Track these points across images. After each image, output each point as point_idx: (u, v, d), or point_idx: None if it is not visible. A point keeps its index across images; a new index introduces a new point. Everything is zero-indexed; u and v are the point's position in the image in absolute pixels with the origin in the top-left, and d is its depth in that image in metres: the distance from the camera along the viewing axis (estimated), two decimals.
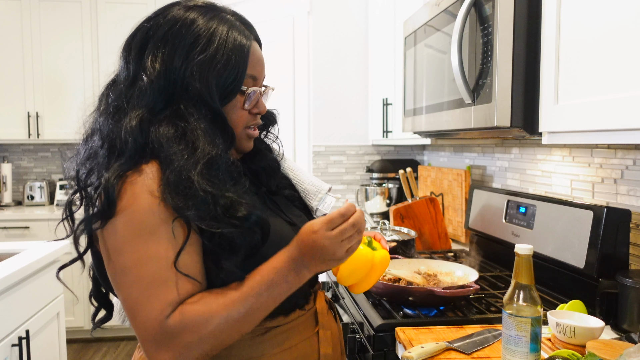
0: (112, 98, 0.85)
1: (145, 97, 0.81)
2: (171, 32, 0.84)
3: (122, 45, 0.88)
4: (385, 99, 2.74)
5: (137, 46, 0.85)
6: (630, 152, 1.34)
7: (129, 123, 0.79)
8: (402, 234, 1.88)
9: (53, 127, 3.48)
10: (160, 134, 0.79)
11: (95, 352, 3.27)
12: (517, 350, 0.91)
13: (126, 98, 0.82)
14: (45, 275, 1.94)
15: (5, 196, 3.59)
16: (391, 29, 2.66)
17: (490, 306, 1.37)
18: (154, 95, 0.81)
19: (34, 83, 3.44)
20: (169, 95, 0.83)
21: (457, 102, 1.41)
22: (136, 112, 0.80)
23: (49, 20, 3.43)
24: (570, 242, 1.38)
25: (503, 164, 2.06)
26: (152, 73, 0.82)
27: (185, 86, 0.83)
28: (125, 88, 0.84)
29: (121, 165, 0.78)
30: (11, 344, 1.67)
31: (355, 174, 3.60)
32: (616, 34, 0.89)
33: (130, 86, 0.83)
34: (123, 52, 0.87)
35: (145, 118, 0.80)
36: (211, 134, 0.82)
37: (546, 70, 1.10)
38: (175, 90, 0.83)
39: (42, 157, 3.81)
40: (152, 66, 0.82)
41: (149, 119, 0.80)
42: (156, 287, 0.76)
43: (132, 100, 0.82)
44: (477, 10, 1.27)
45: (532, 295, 0.91)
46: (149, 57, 0.83)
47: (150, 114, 0.81)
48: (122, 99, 0.83)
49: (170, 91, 0.82)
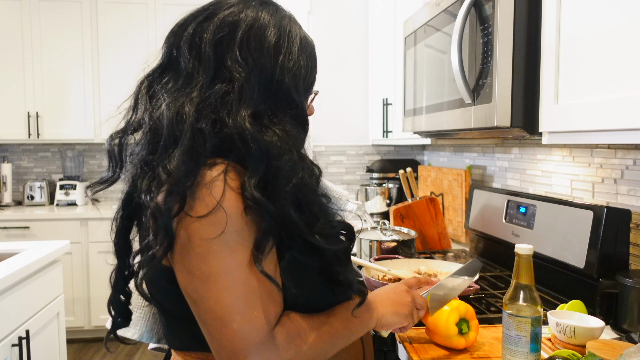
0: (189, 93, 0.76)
1: (246, 99, 0.75)
2: (250, 33, 0.79)
3: (187, 40, 0.79)
4: (385, 99, 2.74)
5: (210, 45, 0.78)
6: (630, 152, 1.34)
7: (238, 121, 0.73)
8: (402, 234, 1.88)
9: (53, 127, 3.48)
10: (267, 138, 0.74)
11: (95, 352, 3.27)
12: (517, 350, 0.91)
13: (208, 97, 0.75)
14: (45, 275, 1.94)
15: (5, 196, 3.59)
16: (391, 29, 2.66)
17: (490, 306, 1.37)
18: (253, 95, 0.76)
19: (34, 83, 3.44)
20: (262, 97, 0.78)
21: (457, 102, 1.41)
22: (243, 110, 0.74)
23: (49, 20, 3.43)
24: (570, 242, 1.38)
25: (503, 164, 2.06)
26: (242, 76, 0.76)
27: (277, 89, 0.79)
28: (205, 87, 0.76)
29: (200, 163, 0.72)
30: (11, 344, 1.67)
31: (355, 174, 3.60)
32: (616, 34, 0.89)
33: (210, 85, 0.76)
34: (190, 49, 0.79)
35: (251, 120, 0.74)
36: (301, 139, 0.80)
37: (546, 70, 1.10)
38: (267, 93, 0.78)
39: (42, 157, 3.81)
40: (239, 68, 0.77)
41: (252, 121, 0.75)
42: (256, 296, 0.71)
43: (229, 100, 0.75)
44: (477, 10, 1.27)
45: (532, 295, 0.91)
46: (232, 58, 0.77)
47: (252, 116, 0.75)
48: (202, 96, 0.75)
49: (263, 94, 0.78)
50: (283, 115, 0.78)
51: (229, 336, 0.70)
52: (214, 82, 0.76)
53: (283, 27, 0.82)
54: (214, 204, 0.69)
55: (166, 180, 0.70)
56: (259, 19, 0.80)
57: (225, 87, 0.75)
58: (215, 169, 0.71)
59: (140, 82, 0.83)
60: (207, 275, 0.70)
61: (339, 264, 0.79)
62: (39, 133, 3.46)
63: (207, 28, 0.78)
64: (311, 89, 0.88)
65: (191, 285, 0.72)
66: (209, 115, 0.73)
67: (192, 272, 0.71)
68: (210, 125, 0.73)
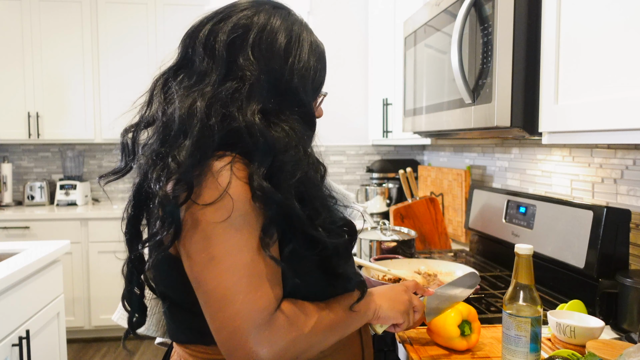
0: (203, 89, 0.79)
1: (255, 96, 0.79)
2: (262, 35, 0.82)
3: (202, 40, 0.82)
4: (385, 99, 2.74)
5: (224, 45, 0.81)
6: (630, 152, 1.34)
7: (248, 116, 0.76)
8: (402, 234, 1.88)
9: (53, 127, 3.48)
10: (275, 133, 0.77)
11: (95, 352, 3.27)
12: (517, 350, 0.91)
13: (219, 93, 0.78)
14: (45, 275, 1.94)
15: (6, 196, 3.59)
16: (391, 29, 2.66)
17: (490, 306, 1.37)
18: (263, 93, 0.79)
19: (34, 83, 3.44)
20: (271, 95, 0.81)
21: (457, 102, 1.41)
22: (253, 106, 0.77)
23: (49, 20, 3.43)
24: (570, 242, 1.38)
25: (503, 164, 2.06)
26: (253, 75, 0.79)
27: (285, 89, 0.82)
28: (217, 83, 0.79)
29: (209, 153, 0.74)
30: (11, 344, 1.67)
31: (355, 174, 3.60)
32: (616, 34, 0.89)
33: (222, 82, 0.79)
34: (204, 49, 0.82)
35: (260, 116, 0.77)
36: (308, 137, 0.84)
37: (546, 70, 1.10)
38: (276, 92, 0.82)
39: (42, 157, 3.81)
40: (250, 67, 0.80)
41: (261, 117, 0.78)
42: (259, 278, 0.73)
43: (239, 97, 0.78)
44: (477, 10, 1.27)
45: (532, 295, 0.91)
46: (244, 58, 0.81)
47: (261, 112, 0.78)
48: (215, 93, 0.78)
49: (273, 93, 0.81)
50: (290, 113, 0.82)
51: (230, 315, 0.71)
52: (226, 80, 0.80)
53: (294, 31, 0.86)
54: (220, 191, 0.72)
55: (175, 169, 0.73)
56: (271, 23, 0.84)
57: (236, 85, 0.79)
58: (223, 159, 0.74)
59: (156, 79, 0.86)
60: (212, 256, 0.72)
61: (339, 257, 0.81)
62: (39, 133, 3.46)
63: (221, 29, 0.82)
64: (319, 90, 0.91)
65: (197, 267, 0.74)
66: (219, 110, 0.76)
67: (197, 255, 0.73)
68: (220, 119, 0.76)
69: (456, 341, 1.05)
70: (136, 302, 0.88)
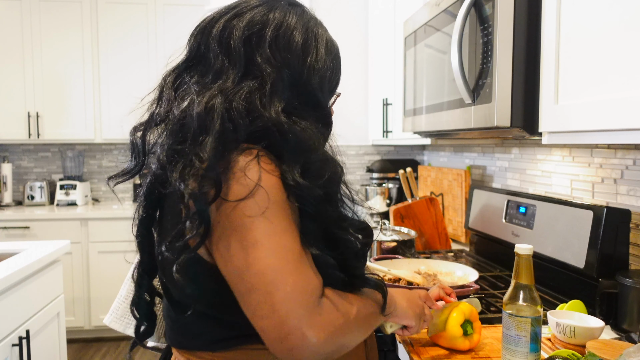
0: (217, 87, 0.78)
1: (278, 93, 0.77)
2: (279, 32, 0.81)
3: (216, 37, 0.81)
4: (385, 99, 2.74)
5: (240, 42, 0.79)
6: (630, 152, 1.34)
7: (272, 115, 0.74)
8: (402, 234, 1.88)
9: (53, 127, 3.48)
10: (304, 134, 0.76)
11: (95, 352, 3.27)
12: (517, 350, 0.91)
13: (240, 90, 0.76)
14: (45, 275, 1.94)
15: (6, 196, 3.59)
16: (391, 29, 2.66)
17: (490, 306, 1.37)
18: (284, 91, 0.78)
19: (34, 83, 3.44)
20: (290, 95, 0.79)
21: (457, 102, 1.41)
22: (277, 105, 0.76)
23: (49, 20, 3.43)
24: (570, 242, 1.38)
25: (503, 164, 2.06)
26: (272, 73, 0.78)
27: (303, 89, 0.81)
28: (236, 80, 0.78)
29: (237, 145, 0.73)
30: (11, 344, 1.67)
31: (355, 174, 3.60)
32: (616, 34, 0.89)
33: (241, 80, 0.78)
34: (219, 45, 0.80)
35: (285, 115, 0.76)
36: (324, 138, 0.82)
37: (546, 70, 1.10)
38: (296, 92, 0.80)
39: (42, 157, 3.81)
40: (269, 65, 0.78)
41: (285, 115, 0.77)
42: (303, 262, 0.71)
43: (260, 95, 0.76)
44: (477, 10, 1.27)
45: (532, 295, 0.91)
46: (262, 55, 0.79)
47: (284, 112, 0.77)
48: (232, 89, 0.76)
49: (293, 92, 0.80)
50: (307, 114, 0.80)
51: (281, 300, 0.67)
52: (245, 77, 0.78)
53: (310, 29, 0.84)
54: (252, 186, 0.69)
55: (200, 167, 0.69)
56: (287, 20, 0.82)
57: (255, 84, 0.77)
58: (248, 154, 0.72)
59: (166, 76, 0.84)
60: (254, 242, 0.69)
61: (357, 259, 0.80)
62: (39, 133, 3.46)
63: (236, 25, 0.80)
64: (335, 90, 0.89)
65: (236, 258, 0.70)
66: (242, 107, 0.74)
67: (237, 245, 0.70)
68: (243, 116, 0.73)
69: (459, 341, 1.05)
70: (145, 310, 0.84)
